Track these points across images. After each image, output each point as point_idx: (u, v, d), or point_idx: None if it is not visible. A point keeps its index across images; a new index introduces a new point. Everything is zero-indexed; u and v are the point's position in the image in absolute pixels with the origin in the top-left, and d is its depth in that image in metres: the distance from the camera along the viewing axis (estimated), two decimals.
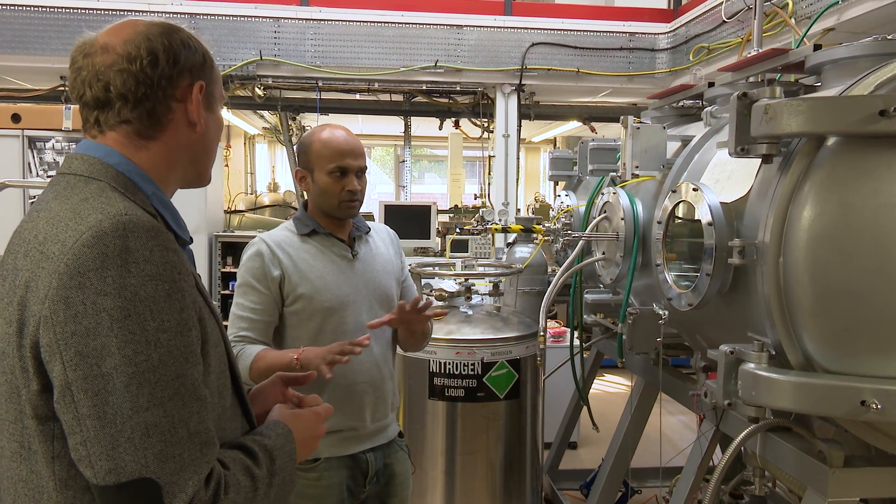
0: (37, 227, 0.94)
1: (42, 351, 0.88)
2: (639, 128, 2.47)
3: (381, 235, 2.12)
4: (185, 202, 5.12)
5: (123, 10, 4.62)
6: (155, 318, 0.88)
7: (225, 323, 1.22)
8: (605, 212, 2.79)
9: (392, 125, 7.07)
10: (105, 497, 0.88)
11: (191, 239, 1.12)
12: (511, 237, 4.01)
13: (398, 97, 5.77)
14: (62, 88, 5.30)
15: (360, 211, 2.03)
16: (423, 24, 5.18)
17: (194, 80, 1.05)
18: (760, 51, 2.26)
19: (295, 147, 6.50)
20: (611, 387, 6.08)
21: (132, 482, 0.86)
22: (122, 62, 1.00)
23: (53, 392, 0.89)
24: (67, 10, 4.81)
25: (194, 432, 0.90)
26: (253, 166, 10.54)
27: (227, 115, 7.20)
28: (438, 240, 5.51)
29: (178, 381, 0.90)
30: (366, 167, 1.98)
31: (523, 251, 3.78)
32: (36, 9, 4.82)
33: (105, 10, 4.70)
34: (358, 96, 5.78)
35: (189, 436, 0.89)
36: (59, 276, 0.88)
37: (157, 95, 1.02)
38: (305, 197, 2.05)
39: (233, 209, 7.11)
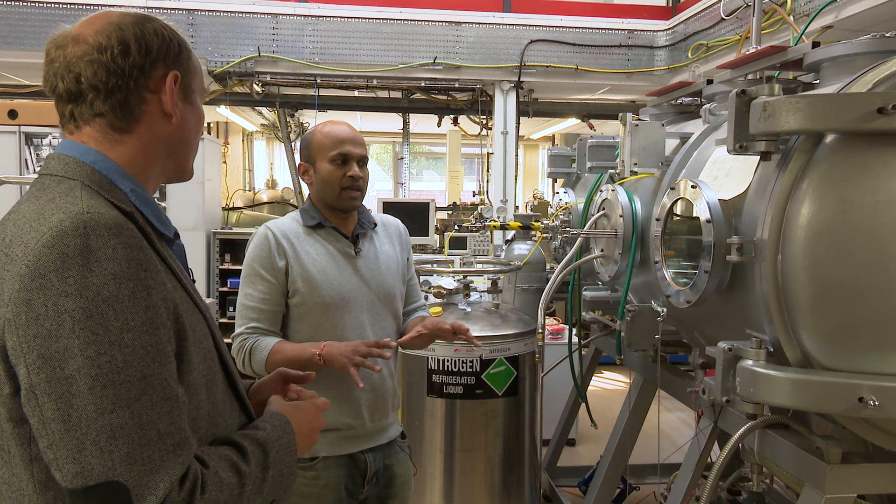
0: (5, 229, 0.93)
1: (9, 354, 0.87)
2: (637, 125, 2.47)
3: (388, 230, 2.09)
4: (184, 199, 5.16)
5: (121, 6, 4.60)
6: (119, 317, 0.86)
7: (225, 320, 1.20)
8: (603, 209, 2.80)
9: (390, 122, 7.06)
10: (74, 500, 0.86)
11: (176, 234, 1.09)
12: (509, 234, 4.01)
13: (397, 94, 5.76)
14: None
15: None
16: (422, 20, 5.17)
17: (168, 71, 1.03)
18: (759, 48, 2.26)
19: (298, 144, 6.50)
20: (609, 384, 6.09)
21: (100, 485, 0.85)
22: (92, 52, 0.98)
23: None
24: (64, 6, 4.80)
25: (165, 433, 0.88)
26: (251, 163, 10.51)
27: (224, 111, 7.18)
28: (437, 237, 5.51)
29: (146, 381, 0.87)
30: (367, 157, 1.97)
31: (522, 248, 3.78)
32: (32, 4, 4.81)
33: (101, 6, 4.69)
34: (356, 93, 5.77)
35: (159, 437, 0.87)
36: (21, 278, 0.86)
37: (129, 86, 0.99)
38: (307, 194, 2.05)
39: (231, 206, 7.11)
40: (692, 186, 2.04)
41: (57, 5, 4.80)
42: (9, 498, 0.93)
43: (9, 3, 4.81)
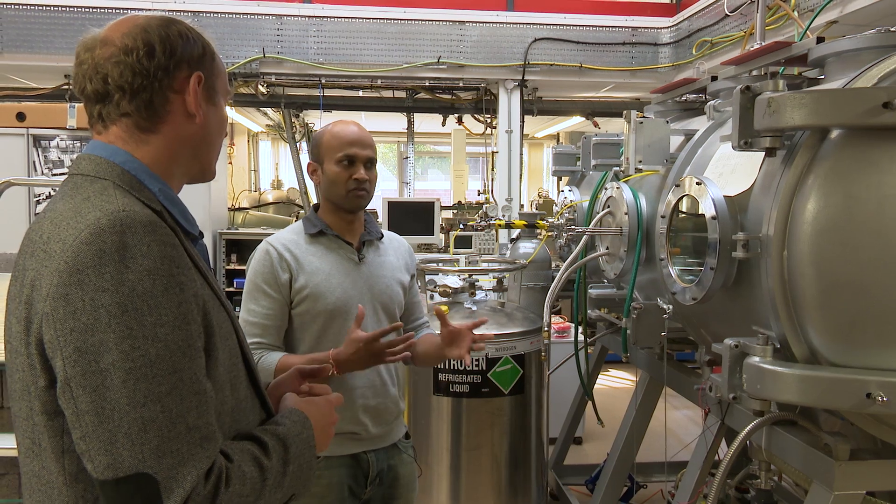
0: (42, 227, 0.96)
1: (45, 347, 0.90)
2: (642, 122, 2.47)
3: (394, 245, 2.10)
4: (190, 200, 5.14)
5: (127, 9, 4.63)
6: (153, 312, 0.89)
7: None
8: (608, 207, 2.79)
9: (395, 122, 7.07)
10: (105, 491, 0.88)
11: (201, 234, 1.12)
12: (515, 233, 4.01)
13: (401, 93, 5.77)
14: (66, 87, 5.32)
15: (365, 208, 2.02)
16: (426, 20, 5.17)
17: (192, 72, 1.05)
18: (763, 44, 2.26)
19: (304, 144, 6.52)
20: (615, 382, 6.08)
21: (130, 477, 0.86)
22: (119, 54, 1.01)
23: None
24: (71, 9, 4.82)
25: (193, 427, 0.90)
26: (257, 164, 10.54)
27: (230, 112, 7.21)
28: (442, 236, 5.51)
29: (176, 375, 0.90)
30: (374, 159, 1.96)
31: (527, 247, 3.78)
32: (40, 8, 4.83)
33: (109, 8, 4.71)
34: (361, 93, 5.78)
35: (188, 431, 0.89)
36: (60, 273, 0.89)
37: (154, 86, 1.02)
38: (315, 200, 2.05)
39: (237, 207, 7.13)
40: (697, 183, 2.04)
41: (64, 9, 4.82)
42: (38, 491, 0.95)
43: (17, 7, 4.84)
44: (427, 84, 5.50)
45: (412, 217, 4.98)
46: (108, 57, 1.01)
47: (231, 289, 5.64)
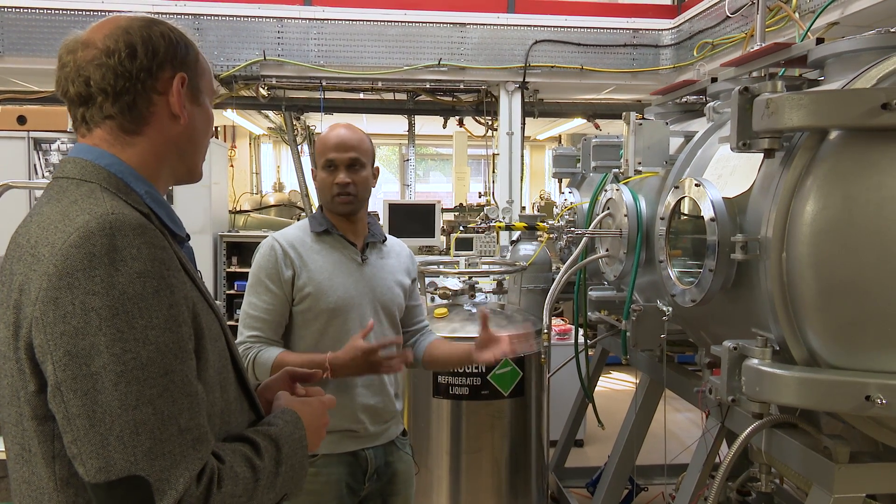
0: (29, 231, 0.95)
1: (35, 352, 0.89)
2: (641, 124, 2.46)
3: (396, 250, 2.12)
4: (191, 202, 5.18)
5: (127, 12, 4.63)
6: (143, 315, 0.88)
7: (232, 323, 1.21)
8: (608, 208, 2.79)
9: (396, 124, 7.07)
10: (97, 494, 0.88)
11: (188, 236, 1.12)
12: (515, 235, 4.01)
13: (402, 96, 5.77)
14: None
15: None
16: (427, 22, 5.18)
17: (176, 72, 1.04)
18: (763, 45, 2.25)
19: (305, 147, 6.53)
20: (616, 384, 6.07)
21: (122, 480, 0.86)
22: (101, 56, 1.00)
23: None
24: (72, 12, 4.83)
25: (185, 429, 0.90)
26: (258, 166, 10.54)
27: (231, 115, 7.22)
28: (443, 238, 5.51)
29: (168, 377, 0.89)
30: (359, 159, 1.93)
31: (527, 249, 3.77)
32: (41, 11, 4.85)
33: (109, 11, 4.72)
34: (362, 95, 5.79)
35: (180, 433, 0.89)
36: (49, 277, 0.88)
37: (136, 88, 1.01)
38: (317, 202, 2.09)
39: (238, 209, 7.13)
40: (696, 185, 2.03)
41: (65, 12, 4.84)
42: (28, 497, 0.94)
43: (18, 10, 4.85)
44: (428, 86, 5.49)
45: (413, 219, 4.98)
46: (89, 59, 1.00)
47: (232, 291, 5.64)
